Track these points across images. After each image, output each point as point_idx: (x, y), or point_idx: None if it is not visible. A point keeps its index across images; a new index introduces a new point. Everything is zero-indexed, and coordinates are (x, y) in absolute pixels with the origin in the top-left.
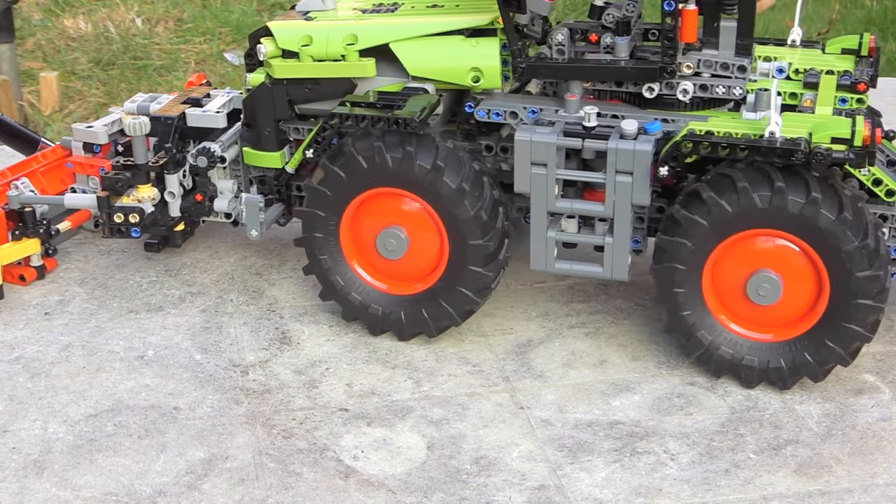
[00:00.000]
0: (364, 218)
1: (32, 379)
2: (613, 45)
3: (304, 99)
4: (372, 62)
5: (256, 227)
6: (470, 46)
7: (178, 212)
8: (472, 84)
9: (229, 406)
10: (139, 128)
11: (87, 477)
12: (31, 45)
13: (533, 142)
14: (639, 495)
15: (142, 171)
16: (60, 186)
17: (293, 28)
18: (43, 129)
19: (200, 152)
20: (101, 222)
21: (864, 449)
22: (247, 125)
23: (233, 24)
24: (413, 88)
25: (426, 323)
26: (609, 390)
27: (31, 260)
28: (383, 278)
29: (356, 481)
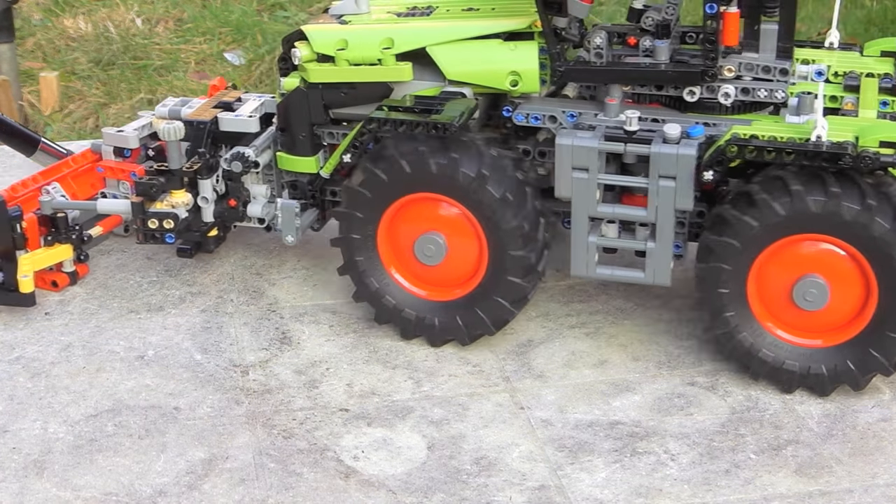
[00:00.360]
0: (403, 222)
1: (33, 379)
2: (653, 49)
3: (339, 103)
4: (409, 66)
5: (292, 233)
6: (508, 50)
7: (211, 217)
8: (510, 88)
9: (229, 406)
10: (174, 133)
11: (88, 477)
12: (31, 45)
13: (574, 146)
14: (639, 495)
15: (176, 177)
16: (91, 191)
17: (329, 32)
18: (43, 129)
19: (235, 157)
20: (135, 228)
21: (864, 449)
22: (281, 130)
23: (233, 24)
24: (450, 92)
25: (460, 330)
26: (609, 390)
27: (63, 265)
28: (419, 283)
29: (356, 481)
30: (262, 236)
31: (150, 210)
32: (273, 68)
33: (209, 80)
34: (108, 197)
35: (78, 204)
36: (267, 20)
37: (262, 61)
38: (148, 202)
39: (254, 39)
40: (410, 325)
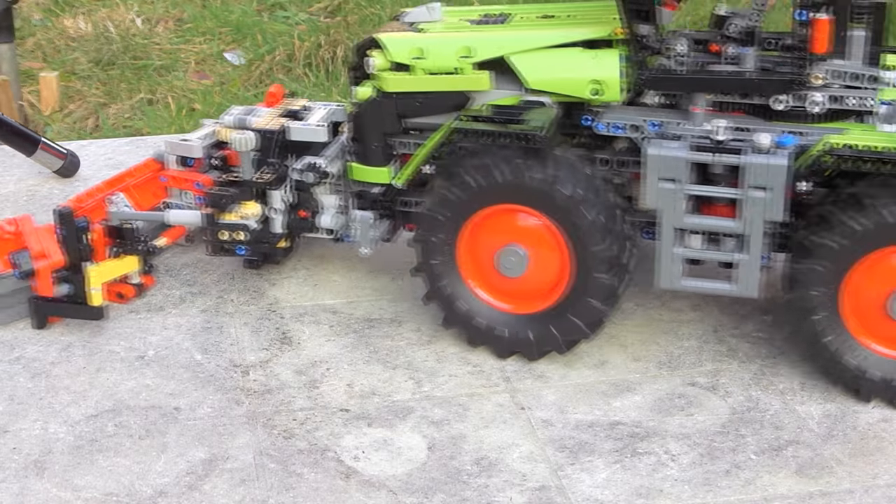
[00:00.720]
0: (480, 238)
1: (33, 379)
2: (738, 56)
3: (414, 112)
4: (487, 75)
5: (367, 245)
6: (590, 58)
7: (281, 228)
8: (591, 97)
9: (230, 406)
10: (246, 143)
11: (88, 477)
12: (31, 45)
13: (663, 156)
14: (640, 496)
15: (247, 188)
16: (153, 200)
17: (404, 40)
18: (43, 129)
19: (307, 168)
20: (205, 240)
21: (865, 450)
22: (353, 139)
23: (233, 24)
24: (530, 102)
25: (555, 340)
26: (610, 391)
27: (129, 277)
28: (506, 298)
29: (357, 482)
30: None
31: (221, 221)
32: (273, 69)
33: (209, 79)
34: (172, 207)
35: (146, 215)
36: (267, 20)
37: (262, 61)
38: (218, 213)
39: (254, 39)
40: (505, 343)
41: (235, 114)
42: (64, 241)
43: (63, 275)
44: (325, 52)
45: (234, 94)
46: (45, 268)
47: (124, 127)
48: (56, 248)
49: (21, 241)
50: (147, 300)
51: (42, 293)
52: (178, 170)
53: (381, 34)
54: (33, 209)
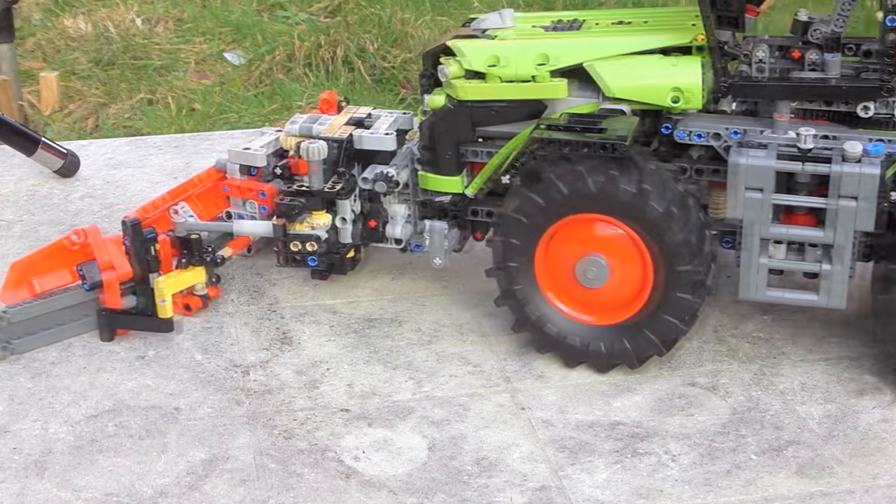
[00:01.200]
0: (561, 245)
1: (33, 379)
2: (822, 63)
3: (488, 121)
4: (564, 83)
5: (441, 255)
6: (670, 65)
7: (349, 238)
8: (671, 104)
9: (230, 406)
10: (317, 152)
11: (88, 477)
12: (31, 45)
13: (749, 165)
14: (640, 496)
15: (317, 197)
16: (215, 210)
17: (479, 48)
18: (43, 129)
19: (379, 177)
20: (276, 250)
21: (865, 450)
22: (424, 148)
23: (233, 24)
24: (609, 109)
25: (628, 353)
26: (610, 391)
27: (195, 289)
28: (582, 308)
29: (357, 482)
30: None
31: (293, 232)
32: (273, 69)
33: (209, 79)
34: (234, 216)
35: (214, 226)
36: (267, 20)
37: (262, 61)
38: (289, 224)
39: (254, 39)
40: (575, 352)
41: (300, 122)
42: (132, 253)
43: (130, 287)
44: (325, 52)
45: (234, 94)
46: (113, 279)
47: (124, 127)
48: (124, 260)
49: (88, 252)
50: None
51: (110, 305)
52: (240, 179)
53: (454, 41)
54: (33, 209)
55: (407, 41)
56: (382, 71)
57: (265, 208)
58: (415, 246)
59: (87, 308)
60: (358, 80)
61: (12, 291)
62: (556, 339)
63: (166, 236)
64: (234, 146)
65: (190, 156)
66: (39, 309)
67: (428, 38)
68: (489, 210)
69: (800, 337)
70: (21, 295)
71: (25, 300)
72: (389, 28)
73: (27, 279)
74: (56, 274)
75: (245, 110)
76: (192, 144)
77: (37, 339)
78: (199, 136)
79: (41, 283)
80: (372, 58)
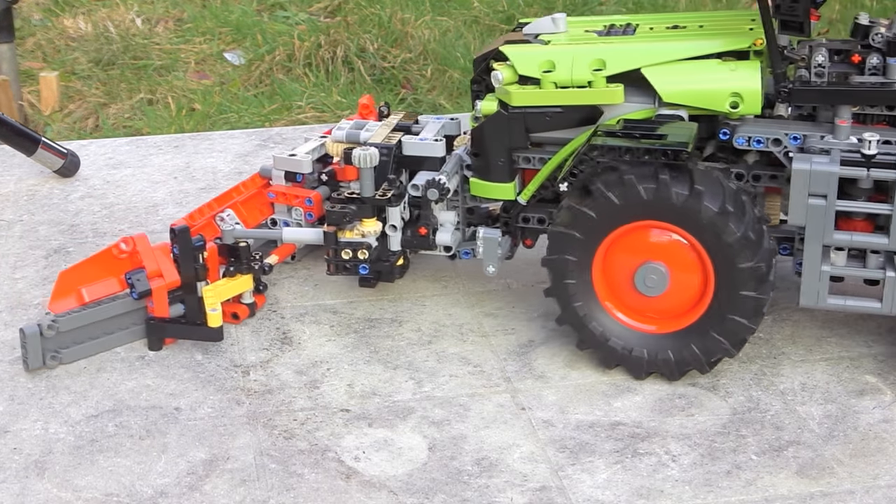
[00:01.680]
0: (617, 256)
1: (33, 379)
2: (883, 67)
3: (542, 127)
4: (621, 88)
5: (494, 263)
6: (728, 70)
7: (398, 245)
8: (729, 110)
9: (230, 406)
10: (369, 159)
11: (89, 478)
12: (31, 45)
13: (813, 171)
14: (640, 496)
15: (367, 205)
16: (259, 217)
17: (533, 53)
18: (43, 129)
19: (430, 184)
20: (327, 258)
21: (865, 450)
22: (475, 154)
23: (233, 24)
24: (665, 115)
25: (697, 359)
26: (610, 391)
27: (242, 297)
28: (645, 318)
29: (357, 482)
30: None
31: (343, 240)
32: (273, 69)
33: (209, 79)
34: (279, 224)
35: (262, 233)
36: (267, 20)
37: (262, 61)
38: (339, 231)
39: (254, 39)
40: (644, 364)
41: (346, 128)
42: (180, 261)
43: (177, 295)
44: (325, 52)
45: (234, 94)
46: (161, 288)
47: (124, 127)
48: (172, 268)
49: (136, 260)
50: None
51: (158, 314)
52: (285, 186)
53: (507, 47)
54: (33, 209)
55: (407, 41)
56: (382, 71)
57: (311, 215)
58: (464, 253)
59: (135, 317)
60: (358, 80)
61: (61, 300)
62: (622, 354)
63: (214, 244)
64: (280, 153)
65: (190, 156)
66: (88, 318)
67: (428, 37)
68: (540, 217)
69: (800, 337)
70: (69, 304)
71: (74, 309)
72: (389, 28)
73: (75, 288)
74: (104, 282)
75: (245, 110)
76: (192, 144)
77: (85, 348)
78: (199, 136)
79: (89, 291)
80: (372, 58)
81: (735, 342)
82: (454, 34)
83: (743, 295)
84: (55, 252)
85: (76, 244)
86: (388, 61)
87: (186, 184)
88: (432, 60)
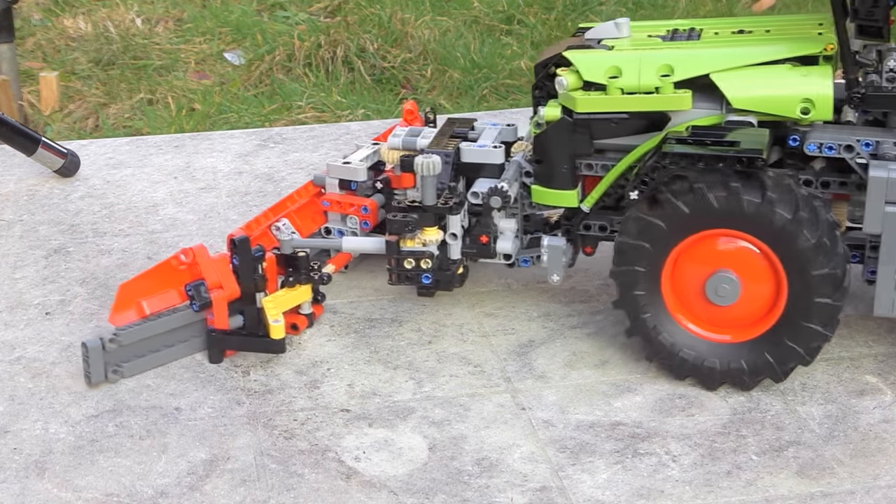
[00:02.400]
0: (687, 266)
1: (33, 379)
2: None
3: (608, 134)
4: (689, 94)
5: (559, 272)
6: (800, 76)
7: (458, 254)
8: (800, 116)
9: (231, 406)
10: (431, 167)
11: (89, 478)
12: (31, 45)
13: (890, 179)
14: (640, 497)
15: (429, 213)
16: (313, 226)
17: (599, 58)
18: (43, 129)
19: (493, 192)
20: (388, 268)
21: (866, 451)
22: (537, 161)
23: (233, 24)
24: (735, 122)
25: (771, 367)
26: (611, 391)
27: (301, 307)
28: (716, 328)
29: (358, 482)
30: None
31: (406, 249)
32: (273, 69)
33: (209, 79)
34: (333, 232)
35: (322, 242)
36: (267, 20)
37: (262, 61)
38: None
39: (254, 39)
40: (716, 374)
41: (402, 135)
42: (239, 272)
43: (236, 306)
44: (325, 52)
45: (234, 94)
46: (221, 299)
47: (124, 127)
48: (232, 279)
49: (196, 271)
50: None
51: (218, 326)
52: (339, 194)
53: (572, 52)
54: (33, 209)
55: (407, 41)
56: (382, 71)
57: (367, 223)
58: (523, 261)
59: (194, 329)
60: (358, 80)
61: (121, 313)
62: (693, 364)
63: (272, 254)
64: (333, 160)
65: (190, 156)
66: (148, 331)
67: (428, 37)
68: (601, 224)
69: None
70: (129, 317)
71: (134, 322)
72: (389, 28)
73: (135, 301)
74: (163, 295)
75: (245, 110)
76: (192, 144)
77: (145, 361)
78: (199, 136)
79: (150, 304)
80: (372, 58)
81: (809, 350)
82: (454, 34)
83: (818, 302)
84: (55, 252)
85: (76, 244)
86: (388, 61)
87: (186, 184)
88: (432, 60)
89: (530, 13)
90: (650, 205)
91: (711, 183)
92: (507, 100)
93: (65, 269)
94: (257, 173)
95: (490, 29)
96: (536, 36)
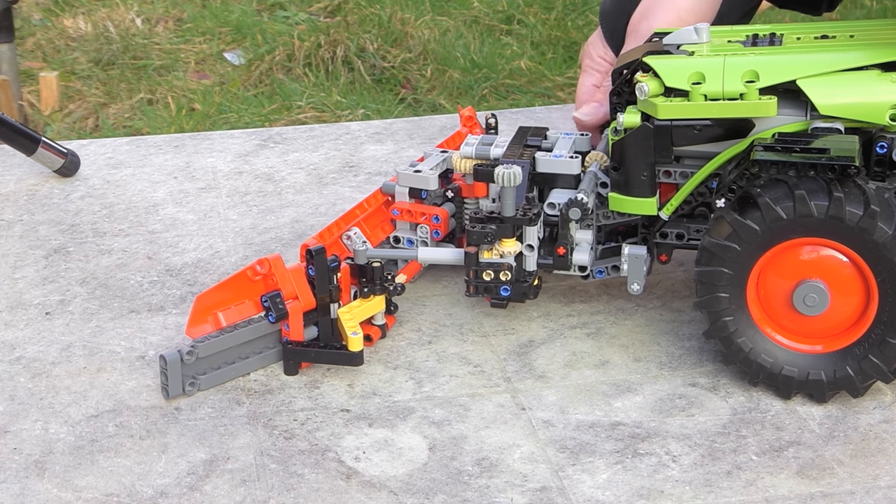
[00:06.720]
0: (774, 272)
1: (33, 379)
2: None
3: (689, 141)
4: (774, 101)
5: (639, 282)
6: (890, 82)
7: (534, 266)
8: (889, 123)
9: (230, 406)
10: (512, 178)
11: (89, 478)
12: (31, 45)
13: None
14: (640, 497)
15: (508, 224)
16: (381, 235)
17: (681, 64)
18: (43, 129)
19: (573, 203)
20: (467, 279)
21: (866, 451)
22: (615, 168)
23: (233, 24)
24: (822, 128)
25: (851, 381)
26: (611, 391)
27: (373, 318)
28: (798, 337)
29: (358, 482)
30: (265, 235)
31: (485, 261)
32: (273, 69)
33: (209, 79)
34: (402, 241)
35: (395, 253)
36: (267, 20)
37: (262, 61)
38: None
39: (254, 39)
40: (793, 383)
41: (475, 144)
42: (316, 282)
43: (311, 318)
44: (325, 52)
45: (234, 94)
46: (297, 309)
47: (124, 127)
48: (307, 290)
49: (271, 282)
50: (147, 300)
51: (293, 337)
52: (409, 203)
53: (652, 58)
54: (33, 209)
55: (407, 41)
56: (382, 71)
57: (437, 233)
58: (597, 272)
59: (269, 341)
60: (358, 80)
61: (198, 325)
62: (771, 371)
63: (346, 264)
64: (404, 169)
65: (190, 156)
66: (225, 343)
67: (428, 37)
68: (679, 232)
69: None
70: (206, 329)
71: (211, 334)
72: (389, 28)
73: (211, 312)
74: (239, 306)
75: (245, 110)
76: (192, 144)
77: (221, 374)
78: (199, 136)
79: (226, 315)
80: (372, 58)
81: (893, 368)
82: (454, 34)
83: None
84: (55, 252)
85: (76, 244)
86: (388, 61)
87: (186, 184)
88: (432, 60)
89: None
90: (744, 207)
91: (812, 190)
92: (506, 100)
93: (65, 269)
94: (257, 173)
95: (490, 29)
96: (536, 36)
